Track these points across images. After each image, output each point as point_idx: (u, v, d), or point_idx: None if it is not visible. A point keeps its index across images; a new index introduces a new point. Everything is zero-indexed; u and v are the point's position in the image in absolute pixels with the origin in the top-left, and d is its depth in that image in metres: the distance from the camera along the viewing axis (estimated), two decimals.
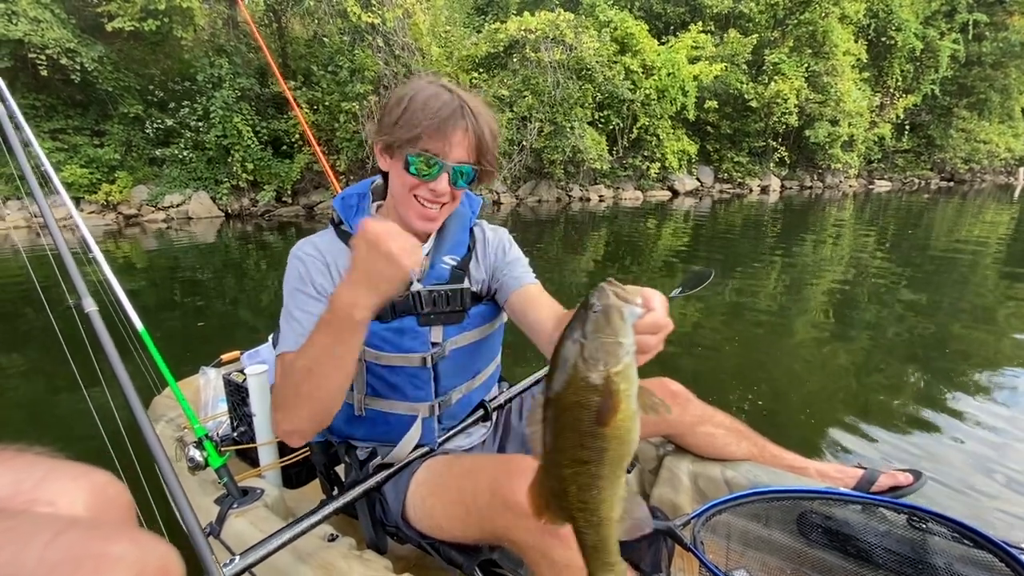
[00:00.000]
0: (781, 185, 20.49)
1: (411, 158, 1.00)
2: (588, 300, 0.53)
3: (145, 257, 9.12)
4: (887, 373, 3.41)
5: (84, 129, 13.53)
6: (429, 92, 1.00)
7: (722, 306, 4.98)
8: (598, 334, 0.51)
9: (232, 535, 1.22)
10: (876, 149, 22.64)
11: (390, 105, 1.03)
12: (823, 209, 14.54)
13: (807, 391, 3.19)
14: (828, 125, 18.79)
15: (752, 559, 1.20)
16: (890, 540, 1.06)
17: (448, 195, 1.05)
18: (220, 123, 13.24)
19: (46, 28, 11.81)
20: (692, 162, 18.63)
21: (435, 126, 0.97)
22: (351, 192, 1.20)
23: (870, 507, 1.10)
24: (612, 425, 0.52)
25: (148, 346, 1.43)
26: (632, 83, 15.53)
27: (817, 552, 1.15)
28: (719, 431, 1.42)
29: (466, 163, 1.03)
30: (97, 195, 13.01)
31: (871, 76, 21.12)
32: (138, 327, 1.47)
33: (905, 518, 1.06)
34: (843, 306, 5.01)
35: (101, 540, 0.48)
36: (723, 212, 13.91)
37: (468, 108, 1.01)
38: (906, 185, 23.55)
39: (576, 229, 11.10)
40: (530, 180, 16.30)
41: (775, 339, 4.13)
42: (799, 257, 7.57)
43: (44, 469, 0.59)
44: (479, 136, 1.02)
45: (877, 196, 18.87)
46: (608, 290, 0.53)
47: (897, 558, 1.04)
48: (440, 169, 1.00)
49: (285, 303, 1.08)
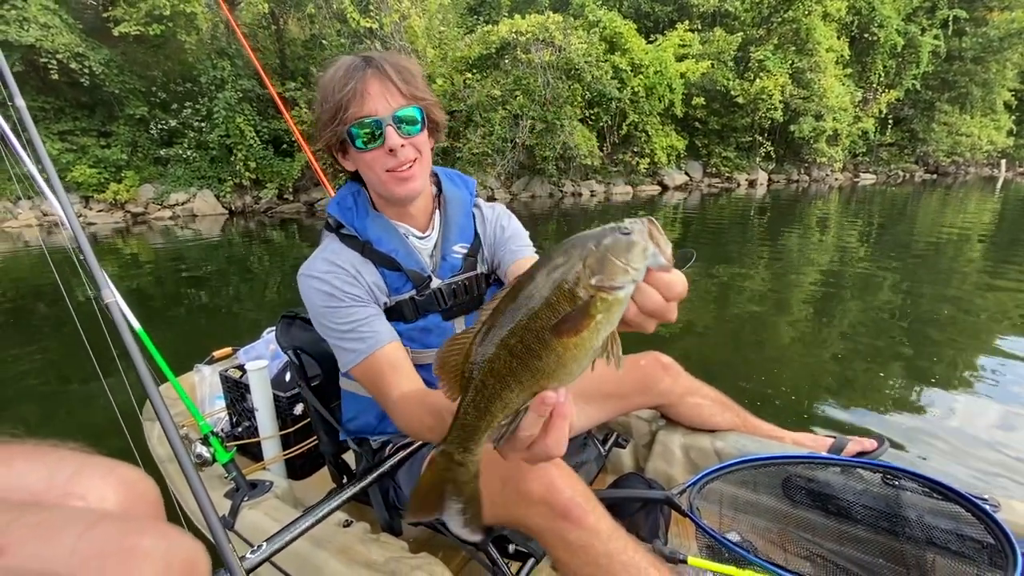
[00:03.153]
0: (768, 179, 20.54)
1: (353, 131, 0.95)
2: (622, 222, 0.49)
3: (152, 253, 9.12)
4: (865, 356, 3.49)
5: (91, 130, 13.57)
6: (330, 73, 0.98)
7: (710, 295, 5.04)
8: (612, 252, 0.47)
9: (247, 526, 1.24)
10: (860, 143, 22.69)
11: (316, 111, 1.01)
12: (810, 202, 14.60)
13: (789, 372, 3.28)
14: (813, 120, 18.84)
15: (743, 522, 1.24)
16: (867, 498, 1.11)
17: (409, 149, 0.99)
18: (223, 123, 13.34)
19: (55, 34, 11.89)
20: (681, 157, 18.67)
21: (348, 91, 0.94)
22: (344, 194, 1.13)
23: (848, 469, 1.15)
24: (562, 342, 0.47)
25: (147, 345, 1.39)
26: (620, 81, 15.53)
27: (801, 512, 1.19)
28: (706, 402, 1.45)
29: (399, 107, 0.97)
30: (105, 194, 13.06)
31: (854, 72, 21.13)
32: (135, 326, 1.45)
33: (880, 477, 1.10)
34: (827, 294, 5.07)
35: (131, 534, 0.48)
36: (712, 206, 13.96)
37: (371, 59, 0.97)
38: (891, 178, 23.61)
39: (569, 223, 11.13)
40: (523, 176, 16.33)
41: (761, 326, 4.20)
42: (786, 248, 7.63)
43: (76, 464, 0.57)
44: (393, 75, 0.96)
45: (863, 189, 18.95)
46: (647, 227, 0.49)
47: (873, 513, 1.09)
48: (380, 125, 0.95)
49: (321, 326, 1.03)
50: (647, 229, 0.49)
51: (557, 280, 0.48)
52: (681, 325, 4.11)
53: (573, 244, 0.49)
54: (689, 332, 4.02)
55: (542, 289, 0.48)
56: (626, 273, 0.47)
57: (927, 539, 1.02)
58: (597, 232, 0.49)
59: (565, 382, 0.51)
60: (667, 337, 3.83)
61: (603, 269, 0.47)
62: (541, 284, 0.48)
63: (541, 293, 0.48)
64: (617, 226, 0.49)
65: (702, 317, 4.39)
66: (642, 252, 0.47)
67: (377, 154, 0.98)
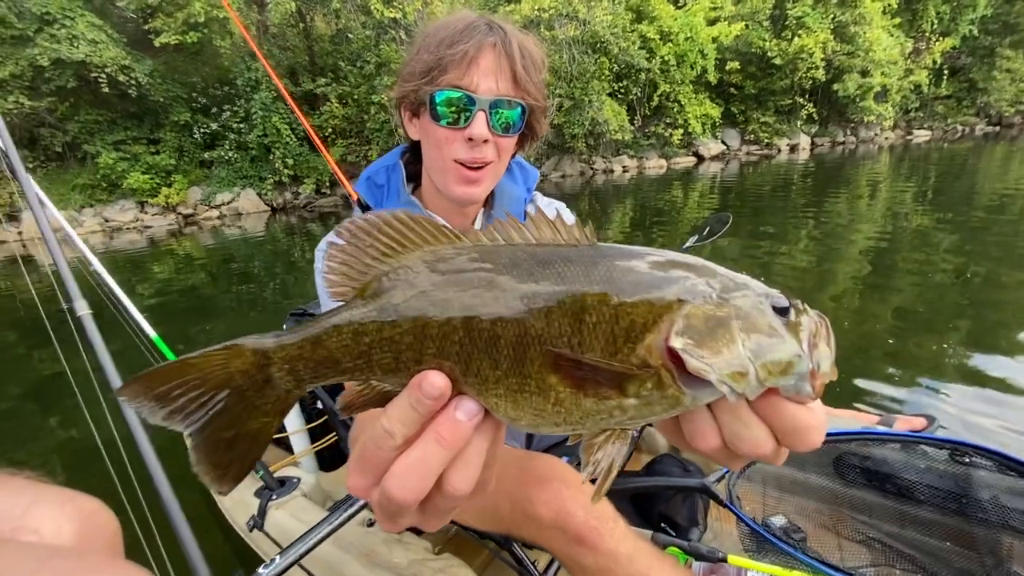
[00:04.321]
0: (811, 143, 19.41)
1: (438, 99, 0.79)
2: (790, 295, 0.32)
3: (203, 252, 9.53)
4: (917, 327, 3.24)
5: (141, 139, 14.25)
6: (447, 20, 0.82)
7: (751, 267, 4.79)
8: (743, 322, 0.29)
9: (275, 527, 1.23)
10: (913, 98, 21.08)
11: (407, 59, 0.85)
12: (857, 164, 13.72)
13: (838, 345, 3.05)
14: (858, 77, 17.60)
15: (789, 504, 1.15)
16: (931, 476, 1.00)
17: (490, 148, 0.83)
18: (260, 123, 13.73)
19: (103, 48, 12.46)
20: (716, 126, 17.89)
21: (457, 52, 0.77)
22: (378, 168, 0.98)
23: (910, 445, 1.04)
24: (551, 380, 0.30)
25: (164, 353, 1.37)
26: (649, 51, 14.92)
27: (855, 492, 1.10)
28: None
29: (504, 96, 0.80)
30: (158, 198, 13.73)
31: (903, 21, 19.53)
32: (151, 334, 1.46)
33: (947, 453, 0.99)
34: (876, 261, 4.75)
35: (86, 572, 0.44)
36: (751, 174, 13.33)
37: (497, 25, 0.81)
38: (948, 133, 21.86)
39: (600, 201, 10.88)
40: (553, 156, 16.03)
41: (803, 297, 3.95)
42: (832, 215, 7.19)
43: (32, 495, 0.54)
44: (516, 55, 0.79)
45: (916, 147, 17.63)
46: (819, 325, 0.32)
47: (940, 494, 0.98)
48: (472, 105, 0.79)
49: (325, 304, 0.93)
50: (816, 326, 0.31)
51: (623, 300, 0.29)
52: None
53: (689, 266, 0.31)
54: None
55: (592, 284, 0.30)
56: (741, 373, 0.28)
57: (1003, 522, 0.91)
58: (738, 278, 0.32)
59: (507, 417, 0.32)
60: None
61: (708, 340, 0.29)
62: (600, 277, 0.30)
63: (595, 321, 0.29)
64: (773, 293, 0.31)
65: None
66: (788, 357, 0.29)
67: (454, 135, 0.82)
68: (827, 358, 0.31)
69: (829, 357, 0.31)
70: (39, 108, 12.56)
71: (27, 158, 12.93)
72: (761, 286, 0.32)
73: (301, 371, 0.32)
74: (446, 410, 0.31)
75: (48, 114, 12.94)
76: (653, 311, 0.29)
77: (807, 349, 0.30)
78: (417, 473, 0.30)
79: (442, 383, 0.30)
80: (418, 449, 0.30)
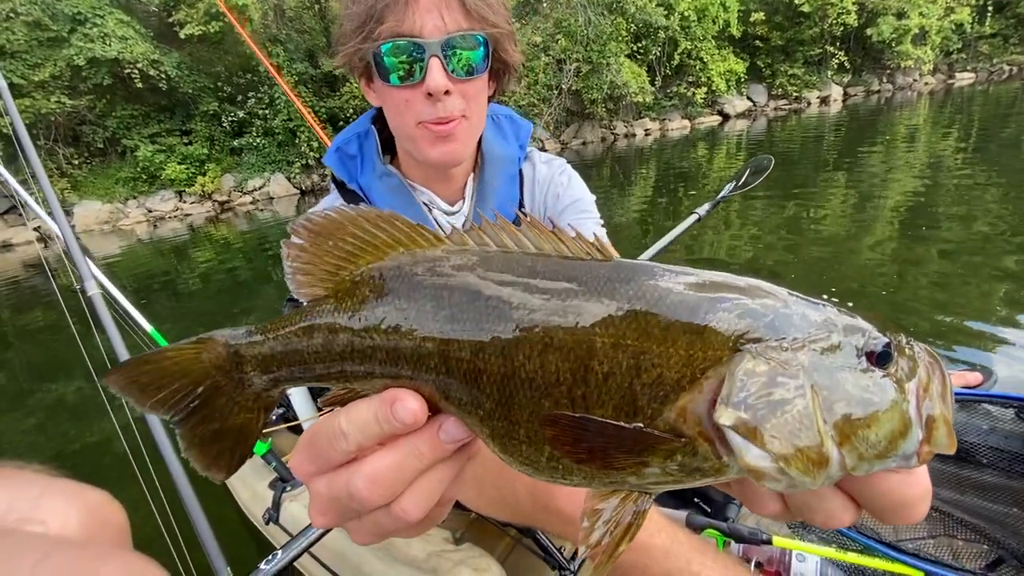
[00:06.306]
0: (844, 93, 18.20)
1: (383, 55, 0.66)
2: (892, 330, 0.24)
3: (239, 237, 9.74)
4: (964, 277, 3.01)
5: (174, 130, 14.53)
6: None
7: (782, 225, 4.55)
8: (840, 371, 0.22)
9: (290, 520, 1.20)
10: (955, 38, 19.38)
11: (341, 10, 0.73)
12: (893, 113, 12.80)
13: (873, 301, 2.87)
14: (893, 19, 16.23)
15: None
16: (996, 437, 0.90)
17: (456, 99, 0.70)
18: (284, 108, 13.73)
19: (133, 44, 12.65)
20: (742, 82, 16.94)
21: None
22: (348, 136, 0.84)
23: (970, 404, 0.93)
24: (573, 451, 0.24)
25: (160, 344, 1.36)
26: (667, 8, 14.11)
27: None
28: None
29: (456, 32, 0.66)
30: (194, 187, 14.04)
31: None
32: (147, 328, 1.44)
33: (1014, 412, 0.88)
34: (916, 213, 4.43)
35: (90, 561, 0.41)
36: (780, 130, 12.63)
37: None
38: (994, 75, 20.08)
39: (622, 166, 10.52)
40: (573, 123, 15.55)
41: (841, 252, 3.74)
42: (866, 168, 6.75)
43: (40, 487, 0.55)
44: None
45: (959, 91, 16.34)
46: (935, 372, 0.23)
47: (1006, 456, 0.88)
48: (422, 52, 0.66)
49: None
50: (928, 374, 0.23)
51: (649, 345, 0.22)
52: (748, 260, 3.76)
53: (744, 291, 0.23)
54: (758, 268, 3.67)
55: (606, 317, 0.22)
56: (817, 463, 0.20)
57: None
58: (815, 311, 0.23)
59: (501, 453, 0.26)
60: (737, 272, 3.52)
61: (770, 415, 0.20)
62: (618, 308, 0.22)
63: (594, 325, 0.22)
64: (868, 331, 0.23)
65: (774, 249, 3.99)
66: (890, 433, 0.21)
67: (412, 95, 0.69)
68: (942, 422, 0.22)
69: (944, 418, 0.22)
70: (80, 106, 12.89)
71: (72, 155, 13.38)
72: (849, 319, 0.23)
73: (275, 371, 0.30)
74: (429, 425, 0.26)
75: (88, 111, 13.28)
76: (692, 364, 0.21)
77: (915, 413, 0.21)
78: (389, 478, 0.26)
79: (417, 409, 0.25)
80: (396, 454, 0.26)
